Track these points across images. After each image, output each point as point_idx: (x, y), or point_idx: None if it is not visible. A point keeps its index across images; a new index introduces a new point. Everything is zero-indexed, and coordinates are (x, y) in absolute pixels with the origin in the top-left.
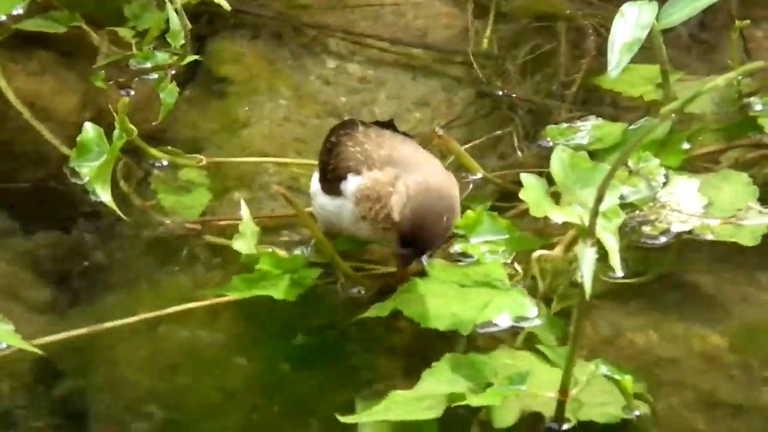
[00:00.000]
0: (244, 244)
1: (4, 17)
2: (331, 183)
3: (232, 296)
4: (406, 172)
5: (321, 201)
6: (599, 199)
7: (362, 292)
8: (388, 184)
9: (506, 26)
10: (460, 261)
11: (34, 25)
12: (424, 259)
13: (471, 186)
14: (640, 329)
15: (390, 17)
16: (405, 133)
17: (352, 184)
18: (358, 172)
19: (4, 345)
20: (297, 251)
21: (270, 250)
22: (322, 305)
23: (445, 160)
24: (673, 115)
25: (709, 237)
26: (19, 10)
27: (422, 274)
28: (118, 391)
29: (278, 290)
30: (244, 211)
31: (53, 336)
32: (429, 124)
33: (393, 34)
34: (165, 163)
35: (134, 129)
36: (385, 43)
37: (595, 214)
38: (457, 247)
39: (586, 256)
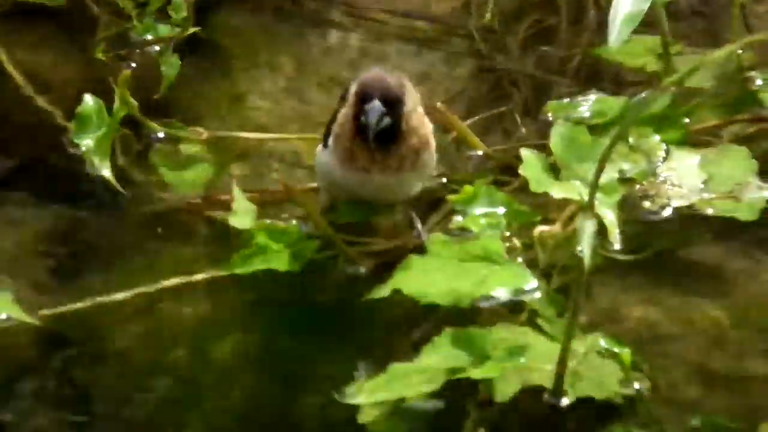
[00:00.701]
0: (239, 219)
1: None
2: (327, 136)
3: (232, 271)
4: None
5: (318, 159)
6: (598, 173)
7: (361, 270)
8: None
9: (507, 0)
10: (459, 236)
11: None
12: (423, 233)
13: (472, 161)
14: (640, 304)
15: None
16: None
17: (334, 130)
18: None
19: (4, 316)
20: (293, 223)
21: (270, 224)
22: (322, 279)
23: (447, 135)
24: (674, 89)
25: (709, 212)
26: None
27: (421, 250)
28: (119, 364)
29: (280, 262)
30: (235, 189)
31: (53, 309)
32: (430, 97)
33: (395, 6)
34: (163, 136)
35: (134, 102)
36: (387, 16)
37: (594, 187)
38: (457, 218)
39: (585, 229)
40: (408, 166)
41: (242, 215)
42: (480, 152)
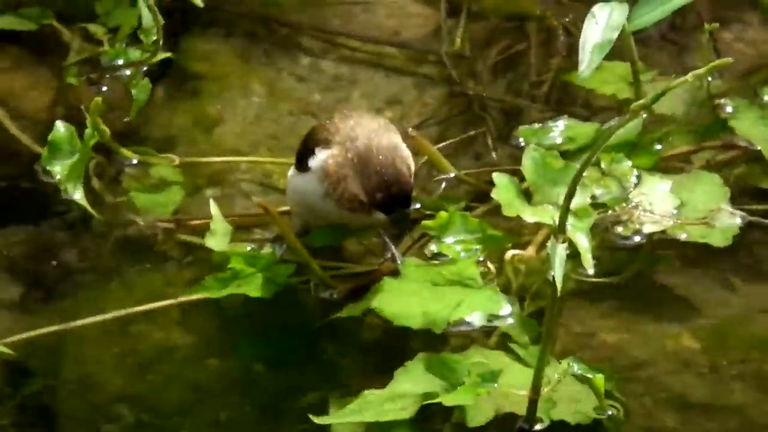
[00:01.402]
0: (216, 241)
1: None
2: (303, 158)
3: (206, 295)
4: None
5: (293, 182)
6: (569, 197)
7: (334, 295)
8: (343, 164)
9: (478, 26)
10: (434, 260)
11: (5, 22)
12: (398, 256)
13: (444, 185)
14: (613, 329)
15: (362, 16)
16: None
17: (319, 157)
18: (327, 144)
19: None
20: (268, 247)
21: (244, 247)
22: (295, 304)
23: (418, 160)
24: (645, 115)
25: (682, 237)
26: None
27: (395, 273)
28: (89, 391)
29: (252, 288)
30: (214, 209)
31: (23, 334)
32: (401, 122)
33: (366, 32)
34: (136, 161)
35: (107, 130)
36: (358, 42)
37: (565, 211)
38: (432, 247)
39: (557, 253)
40: None
41: (218, 237)
42: (452, 175)
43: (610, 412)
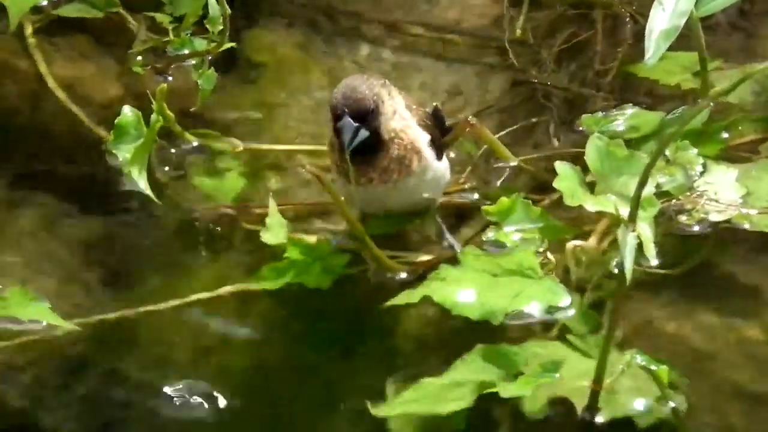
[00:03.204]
0: (271, 236)
1: (44, 2)
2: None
3: (263, 286)
4: None
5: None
6: (641, 187)
7: (393, 277)
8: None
9: (541, 14)
10: (492, 249)
11: (73, 10)
12: (456, 244)
13: (503, 174)
14: (675, 320)
15: (424, 6)
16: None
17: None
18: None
19: (43, 324)
20: (323, 238)
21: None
22: (353, 293)
23: (478, 148)
24: (711, 103)
25: (747, 227)
26: None
27: (454, 261)
28: (151, 376)
29: (309, 277)
30: (271, 204)
31: (88, 317)
32: (463, 111)
33: (428, 21)
34: (196, 146)
35: (171, 115)
36: (420, 30)
37: (636, 201)
38: (489, 235)
39: (627, 242)
40: (396, 176)
41: (274, 231)
42: (512, 164)
43: (673, 404)
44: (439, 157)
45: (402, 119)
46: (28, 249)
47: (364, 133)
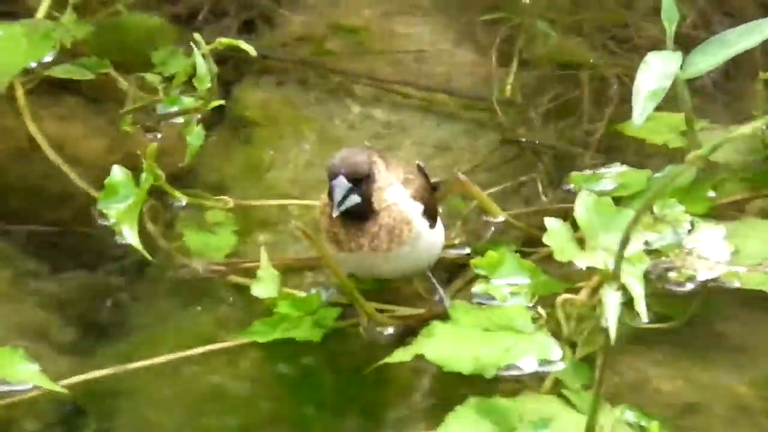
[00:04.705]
0: (262, 289)
1: (34, 64)
2: None
3: (254, 339)
4: None
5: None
6: (624, 243)
7: (383, 332)
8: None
9: (529, 74)
10: (482, 303)
11: (63, 71)
12: (446, 300)
13: (493, 229)
14: (667, 376)
15: (413, 64)
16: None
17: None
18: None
19: (30, 385)
20: (314, 291)
21: (294, 291)
22: (344, 347)
23: (467, 205)
24: (698, 163)
25: (736, 285)
26: (48, 57)
27: (444, 317)
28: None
29: (301, 331)
30: (263, 257)
31: (78, 376)
32: (452, 169)
33: (417, 80)
34: (189, 204)
35: (161, 173)
36: (410, 89)
37: (620, 258)
38: (477, 288)
39: (611, 300)
40: (387, 245)
41: (266, 284)
42: (500, 219)
43: None
44: (432, 225)
45: (395, 192)
46: (13, 308)
47: (355, 198)
